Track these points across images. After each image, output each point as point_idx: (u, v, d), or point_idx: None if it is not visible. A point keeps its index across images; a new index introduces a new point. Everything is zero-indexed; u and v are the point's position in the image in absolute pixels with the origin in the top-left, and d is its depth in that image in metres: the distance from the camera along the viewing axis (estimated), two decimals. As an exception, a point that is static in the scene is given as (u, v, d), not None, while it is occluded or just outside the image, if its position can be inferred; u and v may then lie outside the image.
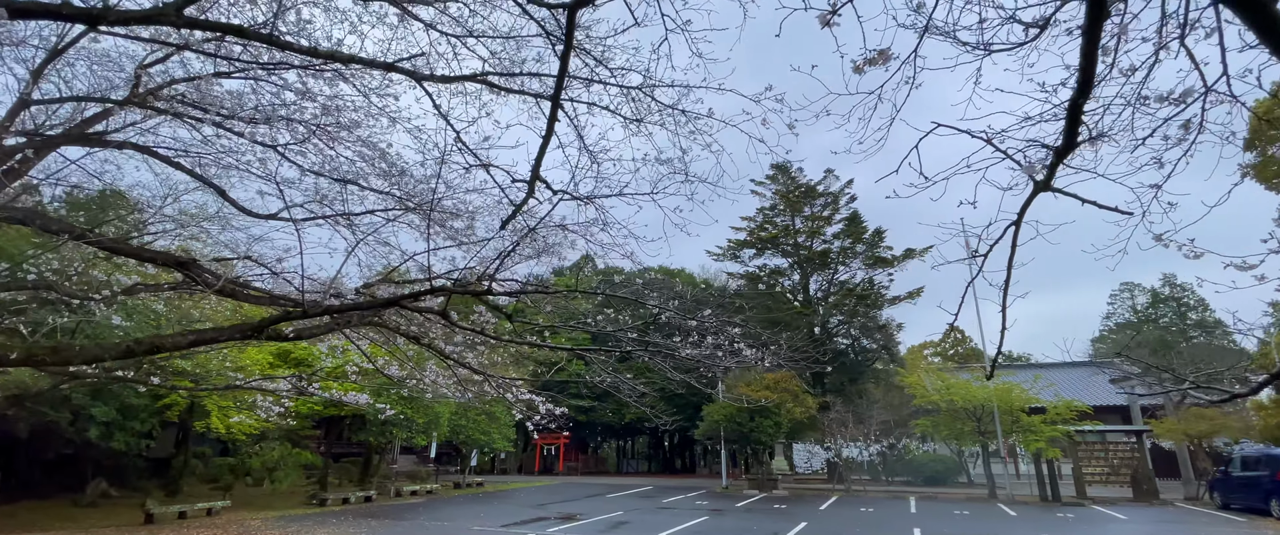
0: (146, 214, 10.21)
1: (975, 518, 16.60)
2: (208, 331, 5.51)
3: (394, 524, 14.59)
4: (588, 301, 24.85)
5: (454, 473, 32.35)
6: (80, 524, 13.99)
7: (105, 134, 7.86)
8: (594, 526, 14.45)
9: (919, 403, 23.58)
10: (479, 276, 5.43)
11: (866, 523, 15.56)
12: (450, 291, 5.49)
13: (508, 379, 9.25)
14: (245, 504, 18.00)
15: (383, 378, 17.38)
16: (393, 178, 7.86)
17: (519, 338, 6.43)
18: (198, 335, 5.46)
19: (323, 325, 6.08)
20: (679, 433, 42.34)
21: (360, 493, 19.53)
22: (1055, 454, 20.03)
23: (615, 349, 7.01)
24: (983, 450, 21.93)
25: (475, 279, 5.49)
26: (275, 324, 5.64)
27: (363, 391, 11.26)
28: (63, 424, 14.69)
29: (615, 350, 6.92)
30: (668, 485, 28.49)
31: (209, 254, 9.75)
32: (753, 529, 14.23)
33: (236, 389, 10.70)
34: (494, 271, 5.49)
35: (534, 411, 11.41)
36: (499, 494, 23.27)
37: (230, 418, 15.31)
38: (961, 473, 28.36)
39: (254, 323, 5.66)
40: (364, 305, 5.61)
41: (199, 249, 9.88)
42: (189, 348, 5.28)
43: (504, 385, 11.10)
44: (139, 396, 15.57)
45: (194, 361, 14.07)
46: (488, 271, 5.43)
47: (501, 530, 13.82)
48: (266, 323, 5.61)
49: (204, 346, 6.02)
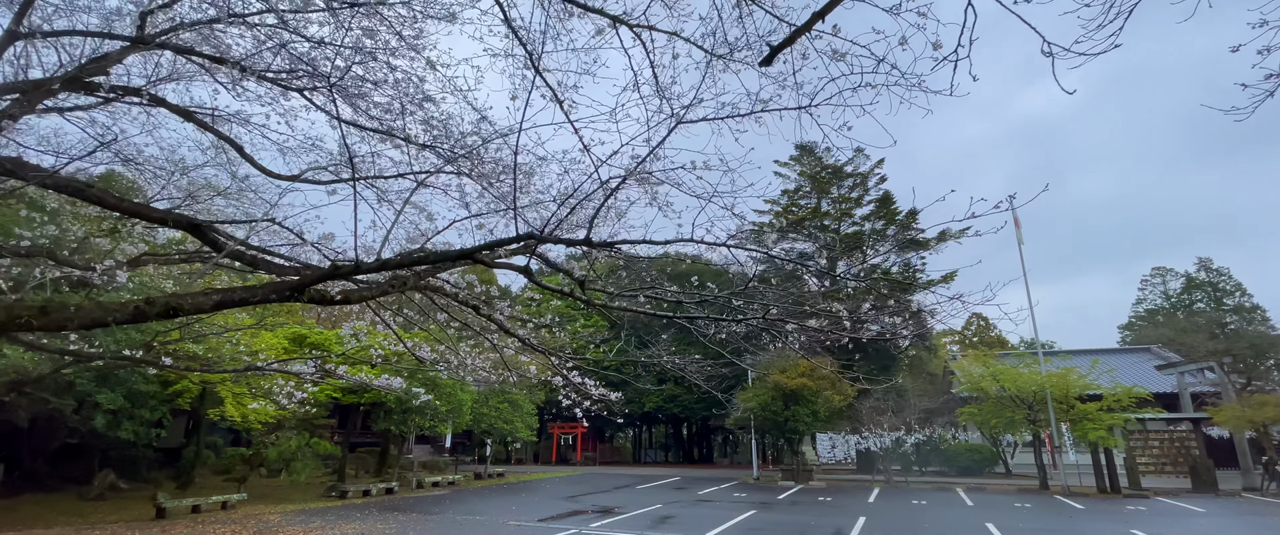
0: (151, 190, 9.11)
1: (1040, 511, 15.50)
2: (236, 291, 4.38)
3: (423, 518, 13.55)
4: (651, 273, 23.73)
5: (470, 463, 31.45)
6: (87, 518, 12.99)
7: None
8: (637, 522, 13.39)
9: (964, 390, 22.44)
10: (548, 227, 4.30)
11: (930, 517, 14.47)
12: (543, 239, 4.34)
13: (566, 354, 8.12)
14: (261, 496, 17.01)
15: (412, 361, 16.32)
16: (437, 131, 6.74)
17: (605, 301, 5.29)
18: (224, 295, 4.33)
19: (375, 288, 4.94)
20: (699, 422, 41.41)
21: (381, 484, 18.52)
22: (1117, 443, 18.90)
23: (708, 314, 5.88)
24: (1036, 439, 20.80)
25: (546, 232, 4.36)
26: (320, 281, 4.50)
27: (397, 375, 10.20)
28: (66, 412, 13.66)
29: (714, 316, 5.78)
30: (695, 476, 27.47)
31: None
32: (812, 525, 13.15)
33: (257, 371, 9.61)
34: (594, 216, 4.34)
35: (584, 396, 10.34)
36: (523, 485, 22.27)
37: (246, 405, 14.26)
38: (998, 463, 27.30)
39: (293, 280, 4.52)
40: (438, 256, 4.46)
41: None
42: (213, 310, 4.15)
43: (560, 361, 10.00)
44: (148, 383, 14.53)
45: (206, 345, 13.02)
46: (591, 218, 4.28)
47: (540, 526, 12.77)
48: (310, 278, 4.47)
49: (232, 309, 4.89)
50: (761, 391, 23.17)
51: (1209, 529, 13.16)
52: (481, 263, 4.65)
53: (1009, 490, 20.47)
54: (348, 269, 4.51)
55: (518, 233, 4.36)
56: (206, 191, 10.24)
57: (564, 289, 4.85)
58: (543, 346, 7.48)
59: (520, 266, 4.74)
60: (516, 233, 4.35)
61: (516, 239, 4.38)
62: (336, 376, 9.54)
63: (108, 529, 11.65)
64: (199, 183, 10.14)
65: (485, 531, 11.94)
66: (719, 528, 12.52)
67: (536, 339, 11.01)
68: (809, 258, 32.95)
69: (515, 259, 4.86)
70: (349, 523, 12.86)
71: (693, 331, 6.93)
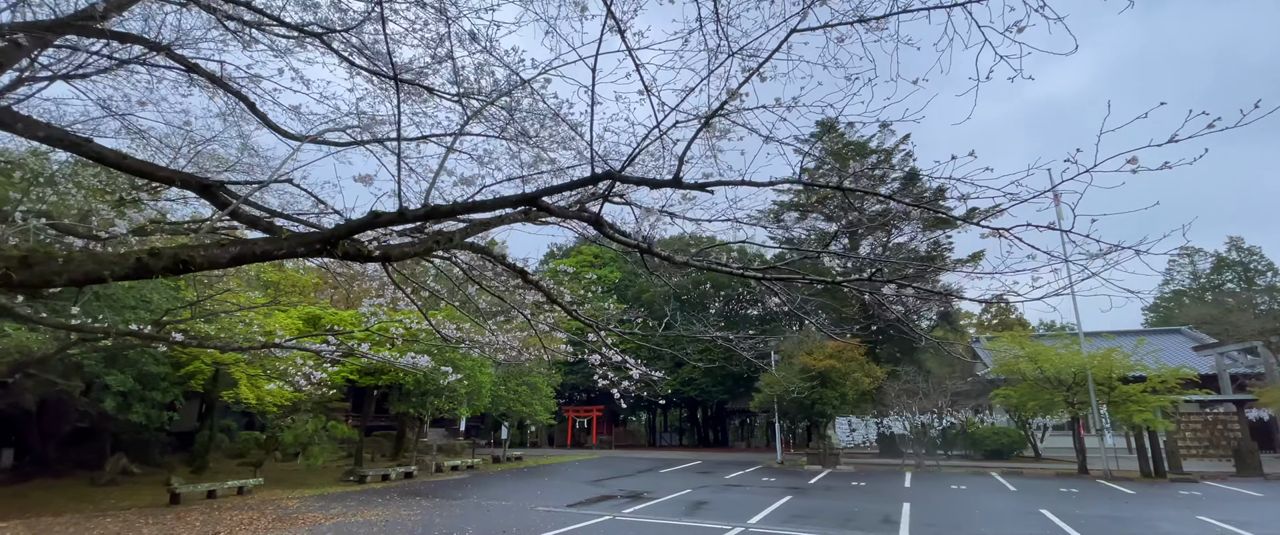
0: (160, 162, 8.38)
1: (1090, 496, 14.79)
2: (258, 243, 3.65)
3: (447, 504, 12.97)
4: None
5: (485, 446, 31.03)
6: (98, 505, 12.47)
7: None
8: (671, 508, 12.78)
9: (996, 372, 21.66)
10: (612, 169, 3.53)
11: (977, 504, 13.79)
12: (620, 177, 3.56)
13: (609, 325, 7.39)
14: (277, 481, 16.51)
15: (436, 339, 15.66)
16: (465, 83, 5.95)
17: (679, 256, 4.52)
18: (243, 247, 3.60)
19: (417, 244, 4.19)
20: (715, 406, 40.86)
21: (399, 469, 18.00)
22: (1166, 426, 18.11)
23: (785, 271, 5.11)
24: (1073, 422, 20.03)
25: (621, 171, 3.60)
26: (356, 232, 3.76)
27: (425, 353, 9.52)
28: (75, 395, 13.10)
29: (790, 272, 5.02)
30: (716, 460, 26.91)
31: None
32: (856, 512, 12.50)
33: (275, 348, 8.94)
34: (686, 149, 3.56)
35: (624, 375, 9.64)
36: (543, 469, 21.74)
37: (261, 387, 13.65)
38: (1025, 447, 26.58)
39: (325, 231, 3.78)
40: (495, 203, 3.71)
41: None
42: (230, 264, 3.43)
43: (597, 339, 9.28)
44: (158, 364, 13.95)
45: (218, 325, 12.38)
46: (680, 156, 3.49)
47: (570, 512, 12.17)
48: (345, 230, 3.73)
49: (251, 264, 4.16)
50: (788, 373, 22.46)
51: (1275, 515, 12.42)
52: (545, 211, 3.89)
53: (1046, 474, 19.76)
54: (389, 217, 3.76)
55: (594, 172, 3.58)
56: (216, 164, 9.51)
57: (635, 243, 4.08)
58: (589, 318, 6.74)
59: (590, 215, 3.97)
60: (593, 172, 3.57)
61: (591, 179, 3.61)
62: (359, 355, 8.86)
63: (120, 516, 11.11)
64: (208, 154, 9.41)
65: (514, 518, 11.34)
66: (759, 514, 11.87)
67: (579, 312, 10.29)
68: (833, 236, 32.08)
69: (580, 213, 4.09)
70: (370, 509, 12.30)
71: (711, 313, 6.13)
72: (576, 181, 3.67)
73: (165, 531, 9.75)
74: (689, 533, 10.10)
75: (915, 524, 10.95)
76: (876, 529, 10.60)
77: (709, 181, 3.57)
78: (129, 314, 12.26)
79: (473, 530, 10.02)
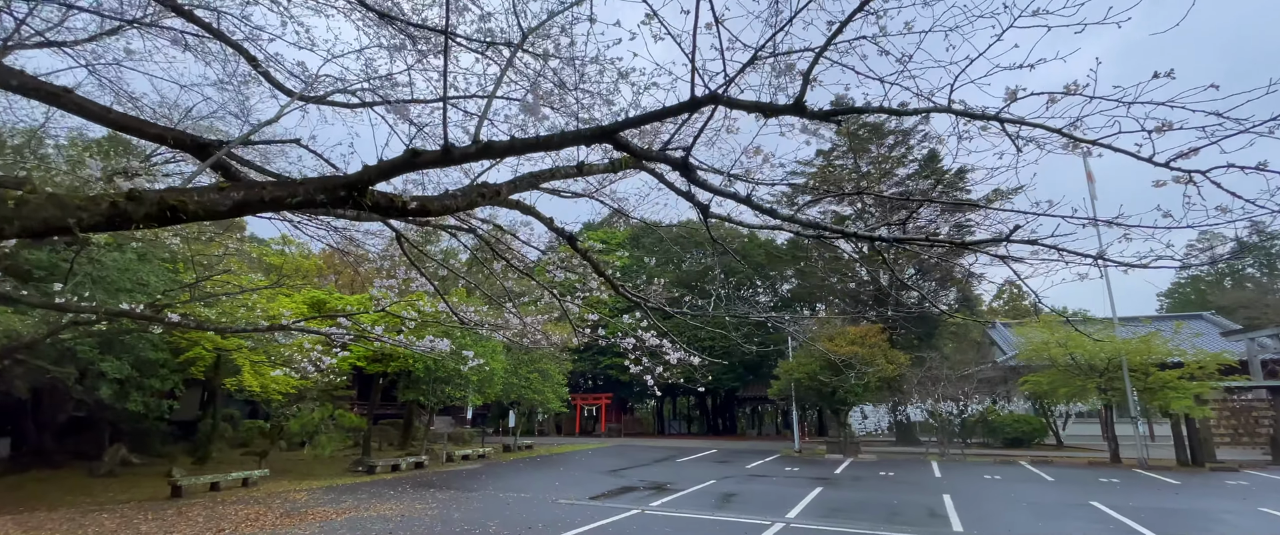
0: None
1: (1134, 487, 14.13)
2: (266, 187, 2.89)
3: (463, 496, 12.31)
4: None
5: (492, 435, 30.45)
6: (96, 498, 11.82)
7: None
8: (699, 500, 12.13)
9: (1024, 358, 20.96)
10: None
11: (1020, 494, 13.14)
12: (726, 101, 2.79)
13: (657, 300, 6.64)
14: (283, 471, 15.87)
15: (452, 323, 14.94)
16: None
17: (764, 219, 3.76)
18: (249, 193, 2.84)
19: (458, 198, 3.43)
20: (724, 394, 40.27)
21: (410, 458, 17.35)
22: (1207, 413, 17.43)
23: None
24: (1107, 409, 19.34)
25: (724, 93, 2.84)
26: (389, 176, 3.00)
27: (444, 337, 8.80)
28: (69, 383, 12.39)
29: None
30: (731, 448, 26.32)
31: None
32: (898, 504, 11.84)
33: (282, 330, 8.20)
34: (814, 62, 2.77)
35: (658, 360, 8.91)
36: (555, 458, 21.13)
37: (266, 374, 12.96)
38: (1046, 435, 25.96)
39: (350, 176, 3.01)
40: (565, 138, 2.95)
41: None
42: (231, 213, 2.70)
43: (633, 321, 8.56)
44: (156, 350, 13.23)
45: (219, 309, 11.65)
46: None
47: (594, 504, 11.51)
48: (375, 173, 2.96)
49: (258, 214, 3.41)
50: (807, 360, 21.76)
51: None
52: (623, 148, 3.12)
53: (1078, 463, 19.12)
54: (431, 157, 2.99)
55: (695, 95, 2.80)
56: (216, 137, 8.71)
57: (733, 191, 3.30)
58: (636, 294, 5.99)
59: (676, 158, 3.20)
60: (692, 94, 2.79)
61: (689, 104, 2.83)
62: (372, 339, 8.13)
63: (117, 511, 10.44)
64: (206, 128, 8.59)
65: (536, 511, 10.67)
66: (795, 508, 11.21)
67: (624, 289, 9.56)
68: (848, 220, 31.29)
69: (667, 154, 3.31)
70: (383, 502, 11.63)
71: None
72: (670, 108, 2.90)
73: (166, 528, 9.07)
74: (726, 529, 9.42)
75: (965, 519, 10.27)
76: (925, 523, 9.93)
77: (843, 108, 2.80)
78: (124, 298, 11.52)
79: (495, 526, 9.35)
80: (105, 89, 7.27)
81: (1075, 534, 9.19)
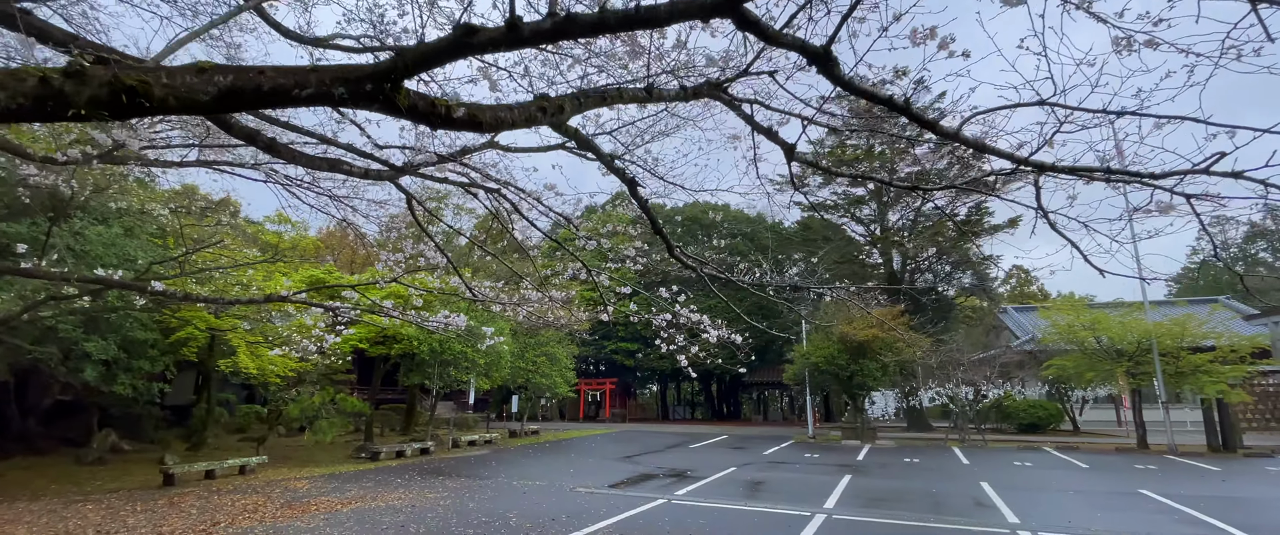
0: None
1: (1175, 473, 13.52)
2: (265, 73, 2.07)
3: (474, 484, 11.60)
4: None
5: (495, 420, 29.80)
6: (83, 487, 11.05)
7: None
8: (724, 489, 11.46)
9: (1049, 341, 20.32)
10: None
11: (1062, 482, 12.51)
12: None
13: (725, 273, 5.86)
14: (282, 458, 15.14)
15: (462, 303, 14.12)
16: None
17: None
18: (240, 77, 2.02)
19: (520, 110, 2.61)
20: (730, 378, 39.69)
21: (415, 444, 16.63)
22: (1243, 398, 16.84)
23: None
24: (1135, 395, 18.73)
25: None
26: (432, 65, 2.18)
27: (461, 313, 8.00)
28: (51, 363, 11.56)
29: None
30: (742, 434, 25.72)
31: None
32: (938, 493, 11.18)
33: (283, 301, 7.38)
34: None
35: (696, 340, 8.13)
36: (564, 444, 20.46)
37: (263, 355, 12.15)
38: (1062, 420, 25.43)
39: (382, 64, 2.19)
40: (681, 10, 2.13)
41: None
42: (216, 105, 1.91)
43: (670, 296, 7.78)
44: (145, 329, 12.40)
45: (212, 286, 10.80)
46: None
47: (614, 494, 10.81)
48: (416, 56, 2.14)
49: (255, 107, 2.58)
50: (825, 345, 21.07)
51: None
52: (753, 28, 2.30)
53: (1105, 449, 18.54)
54: (491, 36, 2.16)
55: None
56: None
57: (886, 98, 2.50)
58: (694, 259, 5.21)
59: (818, 47, 2.38)
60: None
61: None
62: (383, 314, 7.32)
63: (103, 502, 9.68)
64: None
65: (555, 501, 9.96)
66: (830, 498, 10.53)
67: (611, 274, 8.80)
68: (862, 202, 30.59)
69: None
70: (390, 490, 10.90)
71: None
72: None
73: (155, 521, 8.31)
74: (765, 520, 8.73)
75: (1016, 509, 9.60)
76: (973, 514, 9.26)
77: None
78: (110, 258, 10.68)
79: (516, 518, 8.62)
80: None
81: (1142, 525, 8.53)
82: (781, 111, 4.81)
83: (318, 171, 7.20)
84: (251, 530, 7.85)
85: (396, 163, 5.90)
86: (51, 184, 7.39)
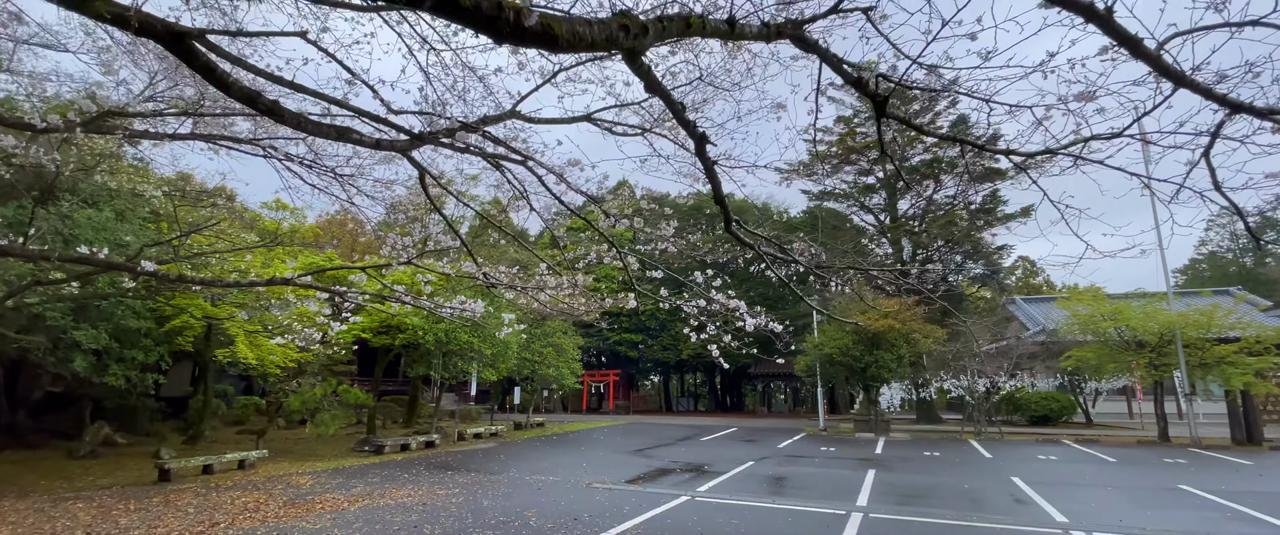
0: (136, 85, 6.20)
1: (1208, 468, 13.10)
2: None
3: (485, 480, 11.09)
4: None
5: (498, 412, 29.32)
6: (74, 482, 10.50)
7: None
8: (746, 484, 10.98)
9: (1065, 332, 19.88)
10: None
11: (1095, 477, 12.07)
12: None
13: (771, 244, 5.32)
14: (282, 452, 14.61)
15: (475, 289, 13.55)
16: None
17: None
18: None
19: (598, 26, 2.06)
20: (734, 370, 39.24)
21: (420, 438, 16.11)
22: (1271, 389, 16.44)
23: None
24: (1158, 387, 18.31)
25: None
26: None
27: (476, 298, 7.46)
28: (39, 354, 10.98)
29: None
30: (750, 426, 25.30)
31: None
32: (971, 490, 10.72)
33: (286, 284, 6.81)
34: None
35: (730, 324, 7.60)
36: (571, 436, 19.97)
37: (262, 344, 11.59)
38: (1074, 413, 25.07)
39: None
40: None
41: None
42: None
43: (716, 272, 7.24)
44: (138, 318, 11.81)
45: (209, 273, 10.21)
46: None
47: (632, 490, 10.32)
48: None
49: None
50: (839, 335, 20.58)
51: None
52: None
53: (1126, 442, 18.15)
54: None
55: None
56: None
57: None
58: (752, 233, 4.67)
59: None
60: None
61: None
62: (395, 299, 6.77)
63: (95, 499, 9.13)
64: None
65: (572, 497, 9.46)
66: (861, 495, 10.06)
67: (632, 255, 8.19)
68: (872, 190, 30.04)
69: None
70: (398, 487, 10.39)
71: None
72: None
73: (150, 521, 7.77)
74: (799, 518, 8.24)
75: (1058, 505, 9.14)
76: (1015, 511, 8.80)
77: None
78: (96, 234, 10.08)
79: (536, 516, 8.11)
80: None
81: (1199, 524, 8.07)
82: (853, 65, 4.25)
83: (323, 141, 6.62)
84: (253, 532, 7.32)
85: (412, 130, 5.33)
86: (35, 161, 6.79)
